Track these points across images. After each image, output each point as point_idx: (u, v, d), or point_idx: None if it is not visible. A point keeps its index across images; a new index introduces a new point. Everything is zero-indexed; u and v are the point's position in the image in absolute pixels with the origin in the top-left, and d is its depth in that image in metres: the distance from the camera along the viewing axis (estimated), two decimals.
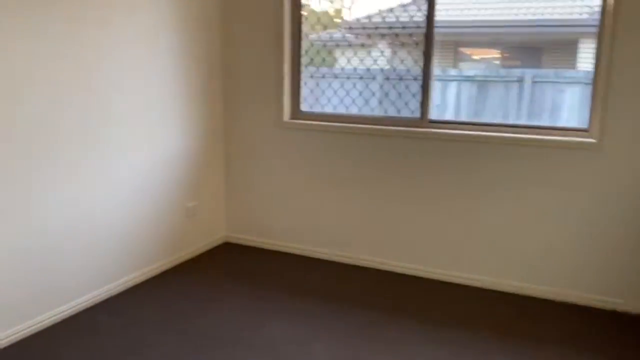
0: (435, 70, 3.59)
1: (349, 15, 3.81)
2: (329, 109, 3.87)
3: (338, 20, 3.81)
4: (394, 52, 3.64)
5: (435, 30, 3.45)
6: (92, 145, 2.98)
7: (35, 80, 2.63)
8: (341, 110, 3.83)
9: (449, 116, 3.85)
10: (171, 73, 3.49)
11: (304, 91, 3.89)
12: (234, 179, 4.13)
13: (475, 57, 4.47)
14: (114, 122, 3.11)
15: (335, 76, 3.81)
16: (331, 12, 3.87)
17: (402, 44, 3.60)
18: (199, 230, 3.93)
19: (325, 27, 3.79)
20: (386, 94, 3.70)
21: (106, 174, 3.09)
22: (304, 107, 3.91)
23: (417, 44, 3.51)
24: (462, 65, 4.32)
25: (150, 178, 3.42)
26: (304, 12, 3.75)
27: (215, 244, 4.11)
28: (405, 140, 3.56)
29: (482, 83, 4.03)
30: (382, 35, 3.68)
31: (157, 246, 3.54)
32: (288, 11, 3.74)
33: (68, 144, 2.84)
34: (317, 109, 3.89)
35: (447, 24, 3.56)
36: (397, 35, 3.61)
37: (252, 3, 3.80)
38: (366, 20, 3.76)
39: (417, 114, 3.59)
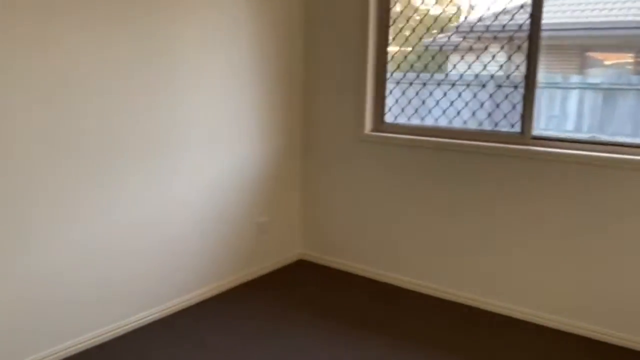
0: (556, 77, 3.05)
1: (455, 19, 3.38)
2: (415, 120, 3.45)
3: (452, 24, 3.37)
4: (492, 57, 3.13)
5: (544, 33, 2.91)
6: (160, 155, 2.86)
7: (102, 88, 2.53)
8: (429, 121, 3.40)
9: (569, 128, 3.30)
10: (247, 81, 3.29)
11: (389, 100, 3.51)
12: (311, 194, 3.84)
13: (607, 62, 3.84)
14: (183, 131, 2.96)
15: (424, 84, 3.38)
16: (430, 15, 3.46)
17: (502, 47, 3.10)
18: (271, 247, 3.69)
19: (414, 31, 3.38)
20: (481, 104, 3.20)
21: (173, 185, 2.95)
22: (388, 118, 3.53)
23: (519, 47, 2.99)
24: (590, 71, 3.72)
25: (220, 191, 3.24)
26: (417, 17, 3.37)
27: (288, 261, 3.85)
28: (503, 159, 3.05)
29: (609, 92, 3.41)
30: (478, 38, 3.19)
31: (224, 263, 3.35)
32: (373, 15, 3.38)
33: (133, 153, 2.73)
34: (402, 120, 3.49)
35: (555, 26, 3.02)
36: (495, 37, 3.11)
37: (335, 8, 3.50)
38: (462, 22, 3.30)
39: (518, 129, 3.06)
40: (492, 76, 3.13)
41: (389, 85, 3.48)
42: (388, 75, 3.46)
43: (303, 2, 3.60)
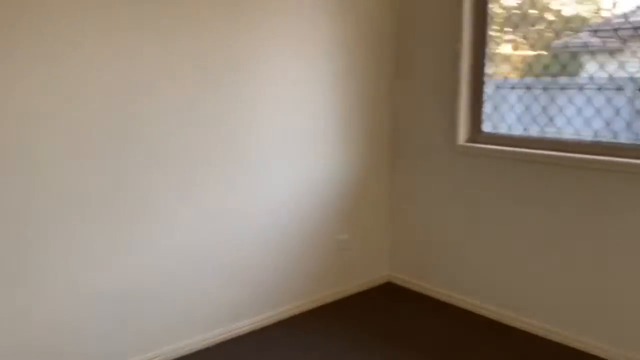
0: None
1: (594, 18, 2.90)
2: (517, 130, 2.99)
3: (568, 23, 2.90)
4: (609, 53, 2.62)
5: None
6: (230, 167, 2.73)
7: (171, 97, 2.46)
8: (534, 131, 2.93)
9: None
10: (330, 88, 3.08)
11: (487, 107, 3.10)
12: (400, 209, 3.52)
13: None
14: (256, 140, 2.81)
15: (528, 87, 2.93)
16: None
17: (624, 42, 2.57)
18: (354, 267, 3.42)
19: (517, 27, 2.95)
20: (597, 111, 2.69)
21: (243, 198, 2.81)
22: (486, 127, 3.11)
23: None
24: None
25: (297, 204, 3.04)
26: (544, 15, 2.98)
27: (373, 284, 3.55)
28: (626, 177, 2.52)
29: None
30: (594, 32, 2.69)
31: (298, 283, 3.14)
32: (469, 14, 3.01)
33: (201, 163, 2.62)
34: (502, 130, 3.06)
35: None
36: (616, 30, 2.59)
37: (428, 4, 3.17)
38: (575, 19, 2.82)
39: None
40: (610, 77, 2.62)
41: (487, 90, 3.07)
42: (486, 79, 3.06)
43: (393, 7, 3.32)
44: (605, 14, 2.72)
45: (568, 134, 2.78)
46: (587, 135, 2.72)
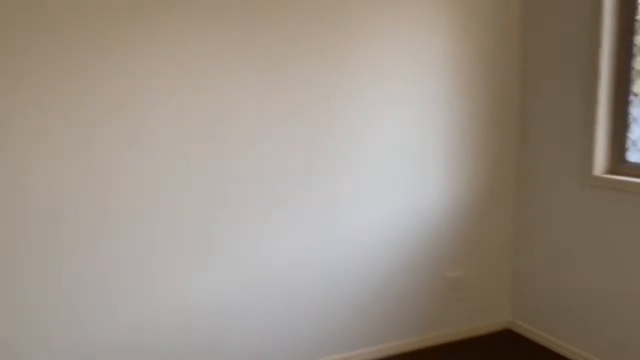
0: None
1: None
2: None
3: None
4: None
5: None
6: (328, 196, 2.57)
7: (258, 125, 2.39)
8: None
9: None
10: (444, 103, 2.79)
11: (635, 132, 2.57)
12: (523, 247, 3.05)
13: None
14: (355, 164, 2.63)
15: None
16: None
17: None
18: (466, 309, 3.03)
19: None
20: None
21: (339, 226, 2.63)
22: (632, 155, 2.58)
23: None
24: None
25: (401, 236, 2.78)
26: None
27: (488, 330, 3.11)
28: None
29: None
30: None
31: (398, 322, 2.84)
32: (610, 20, 2.53)
33: (293, 189, 2.50)
34: None
35: None
36: None
37: (560, 13, 2.74)
38: None
39: None
40: None
41: (634, 111, 2.55)
42: (631, 97, 2.54)
43: (520, 14, 2.94)
44: None
45: None
46: None
